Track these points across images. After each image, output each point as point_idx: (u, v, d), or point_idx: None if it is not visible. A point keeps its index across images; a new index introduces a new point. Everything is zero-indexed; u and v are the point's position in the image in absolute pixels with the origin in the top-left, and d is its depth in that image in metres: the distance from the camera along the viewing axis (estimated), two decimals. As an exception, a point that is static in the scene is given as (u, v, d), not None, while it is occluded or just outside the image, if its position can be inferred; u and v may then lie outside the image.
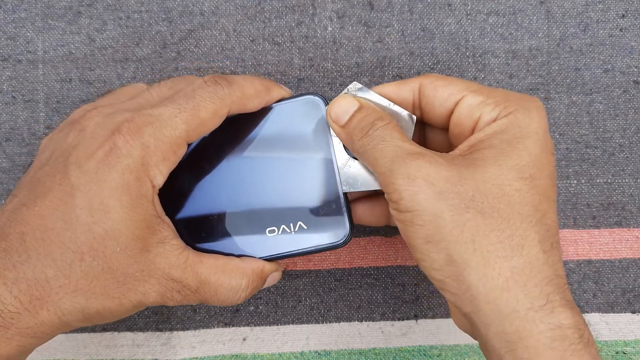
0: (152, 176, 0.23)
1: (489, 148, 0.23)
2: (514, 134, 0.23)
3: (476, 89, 0.25)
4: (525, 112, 0.24)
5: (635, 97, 0.33)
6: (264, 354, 0.32)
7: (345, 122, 0.26)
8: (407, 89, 0.27)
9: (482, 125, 0.24)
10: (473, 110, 0.25)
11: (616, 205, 0.33)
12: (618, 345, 0.33)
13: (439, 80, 0.26)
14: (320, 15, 0.33)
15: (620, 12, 0.33)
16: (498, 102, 0.24)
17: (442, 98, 0.26)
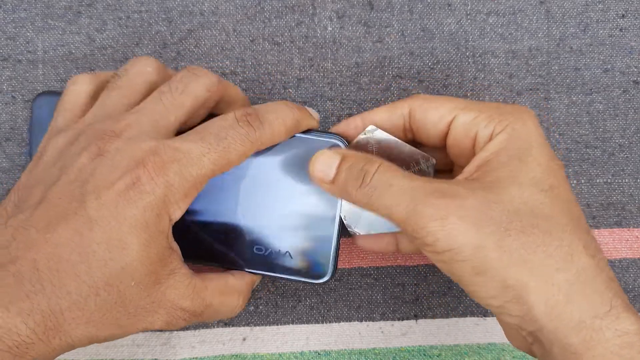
0: (171, 212, 0.23)
1: (501, 168, 0.23)
2: (518, 148, 0.23)
3: (466, 106, 0.25)
4: (520, 122, 0.24)
5: (635, 97, 0.33)
6: (263, 354, 0.32)
7: (333, 177, 0.25)
8: (397, 115, 0.26)
9: (482, 142, 0.24)
10: (468, 128, 0.25)
11: (616, 205, 0.33)
12: (618, 345, 0.33)
13: (428, 102, 0.26)
14: (320, 15, 0.33)
15: (620, 12, 0.33)
16: (491, 116, 0.24)
17: (434, 121, 0.25)
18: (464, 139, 0.25)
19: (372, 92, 0.33)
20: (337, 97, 0.33)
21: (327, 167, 0.25)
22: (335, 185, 0.25)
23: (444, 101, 0.25)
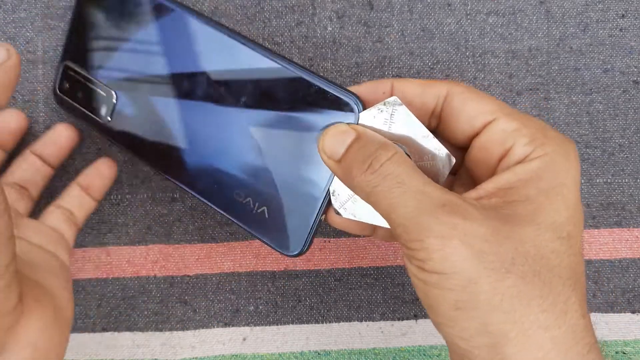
0: None
1: (525, 202, 0.20)
2: (551, 183, 0.21)
3: (510, 113, 0.22)
4: (564, 155, 0.21)
5: (635, 97, 0.33)
6: (263, 354, 0.32)
7: (341, 156, 0.22)
8: (432, 94, 0.23)
9: (513, 160, 0.21)
10: (506, 138, 0.22)
11: (616, 205, 0.33)
12: (618, 345, 0.33)
13: (470, 92, 0.23)
14: (320, 15, 0.33)
15: (620, 12, 0.33)
16: (534, 135, 0.21)
17: (471, 114, 0.23)
18: (497, 147, 0.22)
19: (372, 92, 0.33)
20: (337, 97, 0.33)
21: (338, 143, 0.22)
22: (341, 165, 0.22)
23: (487, 98, 0.23)
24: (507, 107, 0.23)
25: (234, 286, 0.33)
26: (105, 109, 0.28)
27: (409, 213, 0.20)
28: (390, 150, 0.21)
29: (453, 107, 0.23)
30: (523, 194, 0.20)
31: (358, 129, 0.22)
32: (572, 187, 0.21)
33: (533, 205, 0.20)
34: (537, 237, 0.20)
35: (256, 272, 0.33)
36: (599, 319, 0.33)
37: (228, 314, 0.33)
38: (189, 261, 0.33)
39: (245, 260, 0.33)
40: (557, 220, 0.20)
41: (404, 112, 0.23)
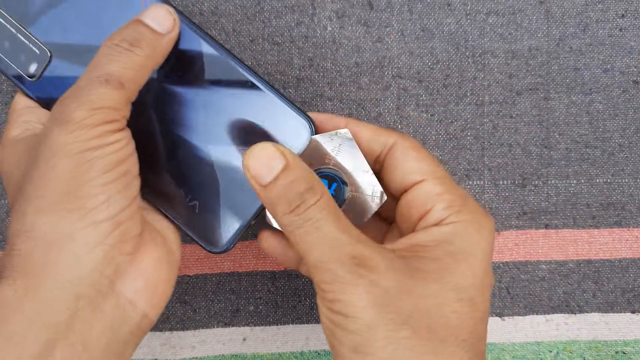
0: None
1: (433, 260, 0.22)
2: (460, 248, 0.22)
3: (441, 177, 0.24)
4: (477, 226, 0.23)
5: (634, 97, 0.33)
6: (263, 354, 0.32)
7: (268, 184, 0.22)
8: (379, 142, 0.25)
9: (430, 221, 0.23)
10: (427, 200, 0.23)
11: (616, 205, 0.33)
12: (618, 345, 0.33)
13: (413, 150, 0.24)
14: (319, 15, 0.33)
15: (619, 12, 0.33)
16: (454, 201, 0.23)
17: (406, 171, 0.24)
18: (418, 207, 0.23)
19: (372, 92, 0.33)
20: (336, 97, 0.33)
21: (265, 168, 0.22)
22: (266, 194, 0.22)
23: (426, 159, 0.24)
24: (440, 171, 0.24)
25: (234, 286, 0.33)
26: (34, 68, 0.26)
27: (322, 257, 0.21)
28: (317, 193, 0.22)
29: (394, 158, 0.25)
30: (433, 254, 0.22)
31: (287, 156, 0.22)
32: (480, 258, 0.22)
33: (440, 265, 0.21)
34: (440, 295, 0.21)
35: (256, 272, 0.33)
36: (599, 319, 0.33)
37: (228, 313, 0.33)
38: (189, 261, 0.33)
39: (245, 260, 0.33)
40: (461, 283, 0.21)
41: (351, 145, 0.25)
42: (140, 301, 0.22)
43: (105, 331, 0.21)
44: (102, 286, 0.21)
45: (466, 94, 0.33)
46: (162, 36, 0.24)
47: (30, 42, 0.27)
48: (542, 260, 0.33)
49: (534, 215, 0.33)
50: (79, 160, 0.20)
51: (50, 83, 0.27)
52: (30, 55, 0.27)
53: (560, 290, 0.33)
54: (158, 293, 0.23)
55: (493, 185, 0.33)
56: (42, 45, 0.26)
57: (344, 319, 0.20)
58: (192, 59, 0.25)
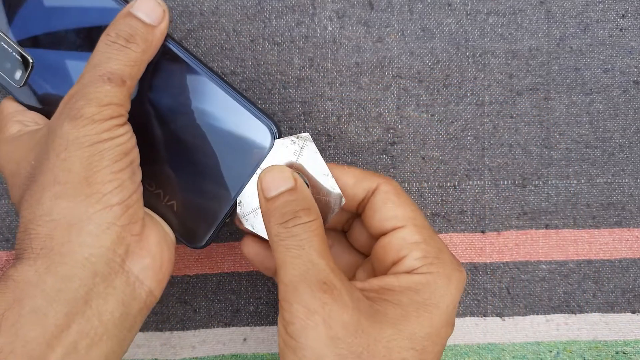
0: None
1: (396, 306, 0.22)
2: (424, 300, 0.23)
3: (419, 225, 0.24)
4: (446, 280, 0.23)
5: (635, 97, 0.33)
6: (264, 354, 0.32)
7: (271, 198, 0.24)
8: (362, 188, 0.26)
9: (402, 268, 0.24)
10: (403, 247, 0.24)
11: (616, 205, 0.33)
12: (618, 345, 0.33)
13: (394, 195, 0.25)
14: (320, 15, 0.33)
15: (620, 12, 0.33)
16: (428, 253, 0.24)
17: (385, 216, 0.25)
18: (393, 252, 0.24)
19: (372, 92, 0.33)
20: (337, 97, 0.33)
21: (274, 184, 0.24)
22: (267, 205, 0.24)
23: (406, 206, 0.25)
24: (420, 219, 0.25)
25: (234, 286, 0.33)
26: (19, 74, 0.28)
27: (292, 275, 0.22)
28: (311, 216, 0.23)
29: (374, 202, 0.25)
30: (397, 299, 0.23)
31: (297, 181, 0.24)
32: (442, 310, 0.23)
33: (401, 312, 0.22)
34: (392, 340, 0.22)
35: (256, 272, 0.33)
36: (599, 319, 0.33)
37: (228, 313, 0.33)
38: (189, 261, 0.33)
39: (245, 260, 0.33)
40: (417, 332, 0.22)
41: (312, 148, 0.25)
42: (147, 278, 0.24)
43: (118, 306, 0.23)
44: (115, 264, 0.23)
45: (466, 94, 0.33)
46: (154, 28, 0.24)
47: (13, 51, 0.27)
48: (543, 261, 0.33)
49: (534, 216, 0.33)
50: (92, 152, 0.22)
51: (34, 89, 0.28)
52: (14, 62, 0.27)
53: (561, 290, 0.33)
54: (162, 271, 0.24)
55: (493, 185, 0.33)
56: (24, 54, 0.27)
57: (295, 343, 0.21)
58: (160, 66, 0.26)
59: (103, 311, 0.22)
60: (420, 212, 0.25)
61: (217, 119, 0.26)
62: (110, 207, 0.22)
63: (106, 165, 0.22)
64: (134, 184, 0.23)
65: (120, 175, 0.23)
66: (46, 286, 0.21)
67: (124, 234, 0.23)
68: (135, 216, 0.23)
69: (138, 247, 0.23)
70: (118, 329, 0.23)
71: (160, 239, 0.25)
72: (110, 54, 0.23)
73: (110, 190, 0.22)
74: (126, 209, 0.23)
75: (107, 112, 0.22)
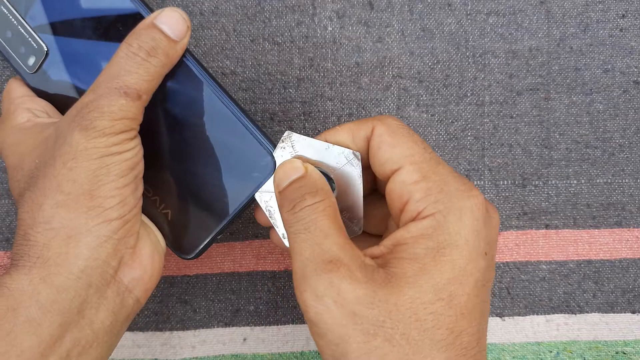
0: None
1: (411, 261, 0.21)
2: (440, 243, 0.21)
3: (417, 161, 0.22)
4: (457, 214, 0.21)
5: (635, 97, 0.33)
6: (264, 354, 0.32)
7: (283, 189, 0.24)
8: (361, 136, 0.24)
9: (408, 216, 0.22)
10: (403, 190, 0.22)
11: (616, 205, 0.33)
12: (618, 345, 0.33)
13: (388, 135, 0.23)
14: (320, 15, 0.33)
15: (620, 12, 0.33)
16: (430, 190, 0.22)
17: (381, 160, 0.23)
18: (397, 200, 0.23)
19: (372, 92, 0.33)
20: (337, 97, 0.33)
21: (285, 176, 0.24)
22: (279, 197, 0.24)
23: (402, 143, 0.23)
24: (418, 154, 0.23)
25: (234, 286, 0.33)
26: (33, 60, 0.27)
27: (301, 262, 0.21)
28: (317, 197, 0.22)
29: (372, 148, 0.24)
30: (412, 252, 0.21)
31: (308, 168, 0.24)
32: (461, 247, 0.21)
33: (418, 265, 0.21)
34: (416, 299, 0.20)
35: (256, 272, 0.33)
36: (599, 319, 0.33)
37: (228, 314, 0.33)
38: (189, 261, 0.33)
39: (245, 260, 0.33)
40: (439, 282, 0.21)
41: (299, 137, 0.25)
42: (136, 288, 0.24)
43: (109, 315, 0.23)
44: (108, 275, 0.23)
45: (466, 94, 0.33)
46: (176, 43, 0.24)
47: (29, 36, 0.27)
48: (543, 261, 0.33)
49: (534, 216, 0.33)
50: (99, 165, 0.22)
51: (46, 77, 0.27)
52: (29, 48, 0.27)
53: (561, 290, 0.33)
54: (151, 280, 0.25)
55: (493, 185, 0.33)
56: (40, 41, 0.27)
57: (316, 329, 0.21)
58: (172, 76, 0.26)
59: (95, 320, 0.22)
60: (421, 144, 0.23)
61: (222, 137, 0.26)
62: (109, 221, 0.22)
63: (112, 180, 0.22)
64: (135, 199, 0.23)
65: (123, 191, 0.23)
66: (40, 297, 0.21)
67: (120, 247, 0.23)
68: (132, 230, 0.23)
69: (131, 259, 0.24)
70: (108, 336, 0.23)
71: (153, 250, 0.25)
72: (130, 66, 0.23)
73: (112, 206, 0.22)
74: (124, 223, 0.23)
75: (119, 126, 0.22)
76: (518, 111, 0.33)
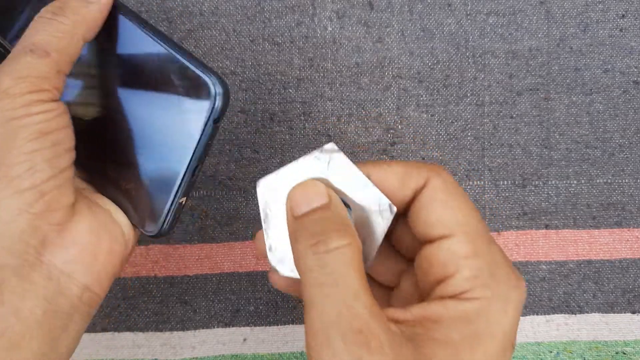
0: None
1: (444, 345, 0.19)
2: (477, 331, 0.19)
3: (471, 232, 0.20)
4: (502, 304, 0.19)
5: (635, 97, 0.33)
6: (264, 354, 0.32)
7: (301, 215, 0.20)
8: (411, 187, 0.21)
9: (449, 291, 0.20)
10: (450, 262, 0.20)
11: (616, 205, 0.33)
12: (618, 345, 0.33)
13: (442, 193, 0.21)
14: (320, 15, 0.33)
15: (620, 12, 0.33)
16: (481, 271, 0.20)
17: (430, 220, 0.21)
18: (439, 269, 0.20)
19: (372, 92, 0.33)
20: (337, 97, 0.33)
21: (305, 201, 0.21)
22: (295, 223, 0.21)
23: (457, 207, 0.20)
24: (473, 224, 0.20)
25: (234, 286, 0.33)
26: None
27: (322, 321, 0.18)
28: (346, 238, 0.19)
29: (420, 202, 0.21)
30: (446, 335, 0.19)
31: (332, 197, 0.21)
32: (499, 339, 0.19)
33: (452, 352, 0.19)
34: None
35: (256, 272, 0.33)
36: (599, 319, 0.33)
37: (228, 314, 0.33)
38: (189, 261, 0.33)
39: (245, 261, 0.33)
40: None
41: (341, 159, 0.21)
42: (77, 272, 0.21)
43: (40, 303, 0.20)
44: (29, 255, 0.20)
45: (466, 94, 0.33)
46: (89, 3, 0.23)
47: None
48: (543, 261, 0.33)
49: (534, 216, 0.33)
50: (5, 129, 0.20)
51: None
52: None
53: (561, 290, 0.33)
54: (98, 264, 0.22)
55: (493, 185, 0.33)
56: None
57: None
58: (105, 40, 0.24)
59: (21, 308, 0.20)
60: (477, 212, 0.21)
61: (156, 79, 0.23)
62: (20, 193, 0.20)
63: (19, 144, 0.20)
64: (53, 168, 0.21)
65: (34, 156, 0.20)
66: None
67: (39, 223, 0.20)
68: (56, 203, 0.21)
69: (59, 237, 0.21)
70: (43, 329, 0.20)
71: (98, 228, 0.22)
72: (38, 27, 0.22)
73: (20, 174, 0.20)
74: (40, 195, 0.20)
75: (24, 84, 0.20)
76: (518, 111, 0.33)
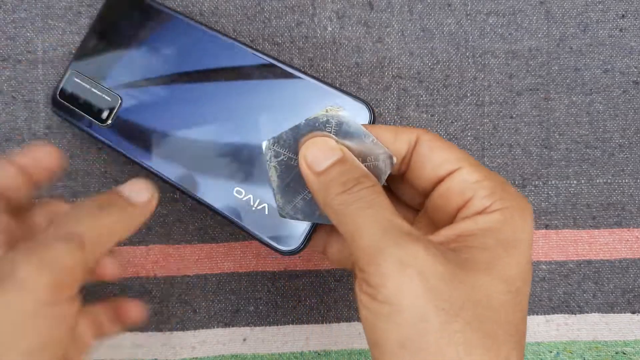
0: None
1: (483, 250, 0.20)
2: (508, 237, 0.21)
3: (474, 164, 0.23)
4: (522, 213, 0.22)
5: (635, 97, 0.33)
6: (263, 354, 0.32)
7: (322, 170, 0.22)
8: (402, 140, 0.24)
9: (472, 211, 0.22)
10: (466, 188, 0.22)
11: (616, 205, 0.33)
12: (618, 345, 0.33)
13: (438, 141, 0.23)
14: (320, 15, 0.33)
15: (620, 12, 0.33)
16: (494, 189, 0.22)
17: (436, 162, 0.23)
18: (457, 197, 0.22)
19: (372, 92, 0.33)
20: (337, 97, 0.33)
21: (322, 157, 0.23)
22: (319, 179, 0.22)
23: (454, 148, 0.23)
24: (471, 158, 0.23)
25: (234, 286, 0.33)
26: (106, 114, 0.29)
27: (373, 235, 0.20)
28: (372, 180, 0.22)
29: (420, 154, 0.23)
30: (482, 242, 0.21)
31: (344, 151, 0.23)
32: (526, 245, 0.21)
33: (490, 255, 0.20)
34: (490, 286, 0.20)
35: (256, 272, 0.33)
36: (599, 319, 0.33)
37: (228, 314, 0.33)
38: (189, 261, 0.33)
39: (245, 261, 0.33)
40: (509, 273, 0.20)
41: (345, 115, 0.24)
42: None
43: None
44: None
45: (466, 94, 0.33)
46: (136, 206, 0.23)
47: (103, 92, 0.29)
48: (542, 261, 0.33)
49: (534, 216, 0.33)
50: (7, 329, 0.19)
51: (121, 124, 0.29)
52: (104, 103, 0.29)
53: (561, 290, 0.33)
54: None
55: (493, 185, 0.33)
56: (113, 92, 0.29)
57: (390, 309, 0.19)
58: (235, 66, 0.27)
59: None
60: (465, 152, 0.24)
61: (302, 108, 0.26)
62: None
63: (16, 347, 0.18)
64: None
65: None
66: None
67: None
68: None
69: None
70: None
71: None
72: (79, 216, 0.21)
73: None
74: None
75: (45, 275, 0.19)
76: (518, 111, 0.33)
